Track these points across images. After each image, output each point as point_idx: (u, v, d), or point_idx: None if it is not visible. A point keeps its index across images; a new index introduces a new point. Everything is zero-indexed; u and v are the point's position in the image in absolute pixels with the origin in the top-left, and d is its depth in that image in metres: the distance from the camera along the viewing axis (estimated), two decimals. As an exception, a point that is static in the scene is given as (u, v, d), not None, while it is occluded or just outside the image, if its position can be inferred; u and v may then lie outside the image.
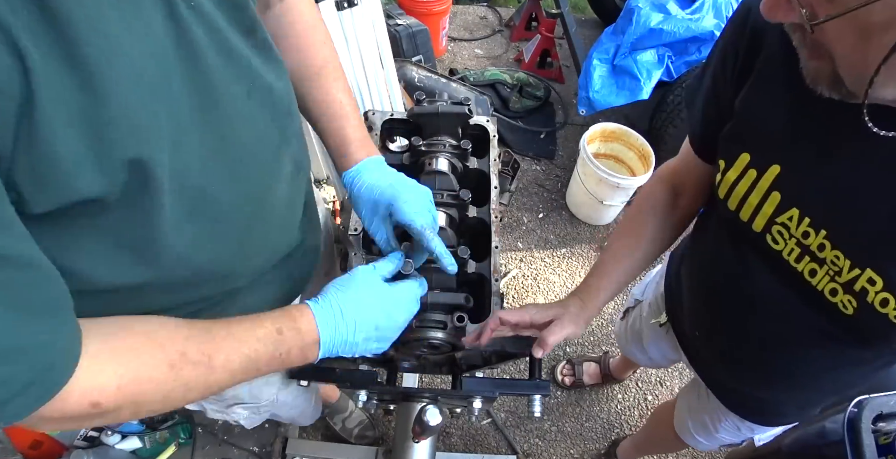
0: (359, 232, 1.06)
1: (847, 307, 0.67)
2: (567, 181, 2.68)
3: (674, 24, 2.32)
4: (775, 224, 0.70)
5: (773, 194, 0.69)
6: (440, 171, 1.10)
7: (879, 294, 0.62)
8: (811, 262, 0.68)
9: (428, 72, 2.60)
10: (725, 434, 1.20)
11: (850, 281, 0.65)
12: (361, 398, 1.12)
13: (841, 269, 0.65)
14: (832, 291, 0.68)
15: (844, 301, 0.67)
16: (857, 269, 0.63)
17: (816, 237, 0.66)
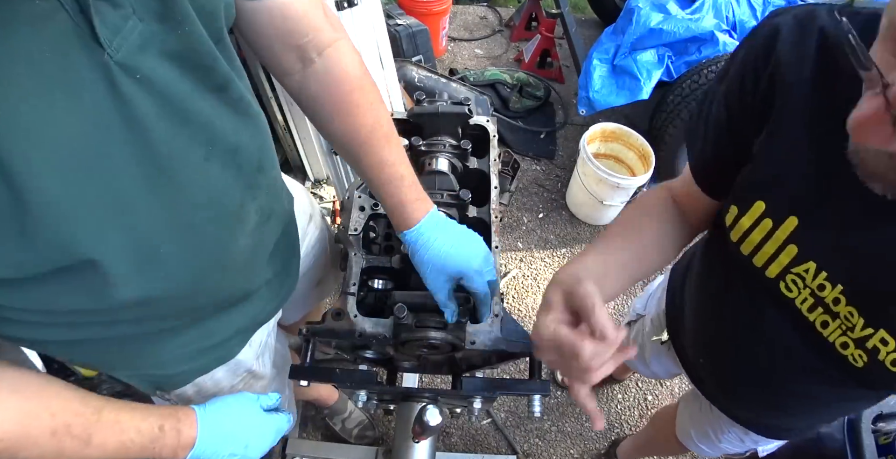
0: (359, 232, 1.06)
1: (857, 361, 0.66)
2: (567, 181, 2.68)
3: (674, 24, 2.32)
4: (790, 273, 0.68)
5: (790, 246, 0.67)
6: (440, 171, 1.10)
7: (891, 354, 0.62)
8: (824, 314, 0.67)
9: (428, 72, 2.60)
10: (728, 444, 1.19)
11: (862, 338, 0.64)
12: (361, 398, 1.12)
13: (854, 325, 0.64)
14: (843, 344, 0.67)
15: (855, 355, 0.66)
16: (871, 328, 0.63)
17: (832, 291, 0.65)
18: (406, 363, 1.22)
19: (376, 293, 1.10)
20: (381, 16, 1.78)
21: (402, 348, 0.99)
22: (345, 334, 0.97)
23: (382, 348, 1.09)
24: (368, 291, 1.09)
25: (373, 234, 1.16)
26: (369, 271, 1.07)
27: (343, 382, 1.07)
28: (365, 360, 1.21)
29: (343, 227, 1.08)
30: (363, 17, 1.67)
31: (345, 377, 1.07)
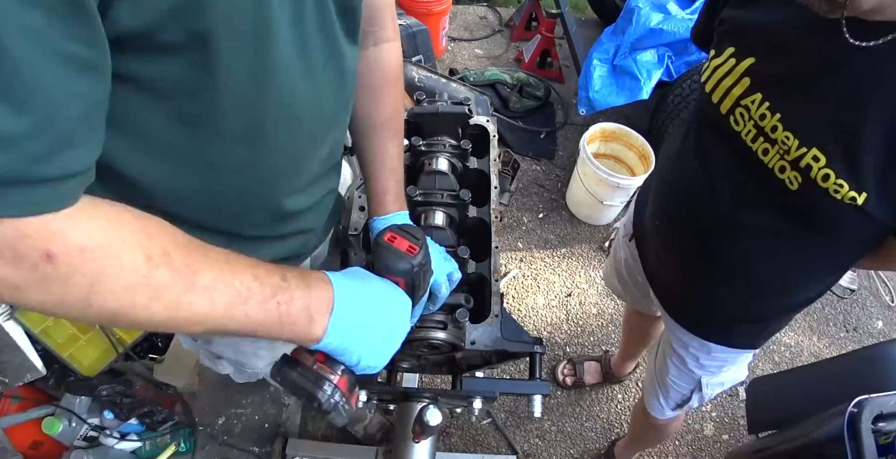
0: (359, 232, 1.06)
1: (793, 183, 0.76)
2: (567, 181, 2.68)
3: (674, 24, 2.32)
4: (739, 106, 0.81)
5: (745, 79, 0.80)
6: (440, 171, 1.10)
7: (822, 170, 0.71)
8: (765, 142, 0.78)
9: (428, 72, 2.60)
10: (675, 378, 1.28)
11: (796, 159, 0.74)
12: (361, 398, 1.12)
13: (790, 148, 0.74)
14: (781, 168, 0.77)
15: (791, 178, 0.76)
16: (804, 147, 0.73)
17: (771, 120, 0.76)
18: (406, 364, 1.22)
19: (376, 293, 1.09)
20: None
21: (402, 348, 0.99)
22: (345, 334, 0.97)
23: (382, 348, 1.09)
24: (368, 291, 1.09)
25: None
26: (369, 271, 1.07)
27: (343, 382, 1.07)
28: (365, 360, 1.21)
29: (343, 227, 1.08)
30: (363, 17, 1.67)
31: (345, 377, 1.07)
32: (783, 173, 0.77)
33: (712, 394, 1.33)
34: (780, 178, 0.77)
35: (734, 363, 1.24)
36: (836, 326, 2.38)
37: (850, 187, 0.70)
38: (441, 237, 1.03)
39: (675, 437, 2.03)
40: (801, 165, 0.74)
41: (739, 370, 1.29)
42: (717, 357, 1.20)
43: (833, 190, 0.71)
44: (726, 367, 1.24)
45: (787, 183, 0.77)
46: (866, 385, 1.18)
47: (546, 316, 2.31)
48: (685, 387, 1.31)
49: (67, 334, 1.66)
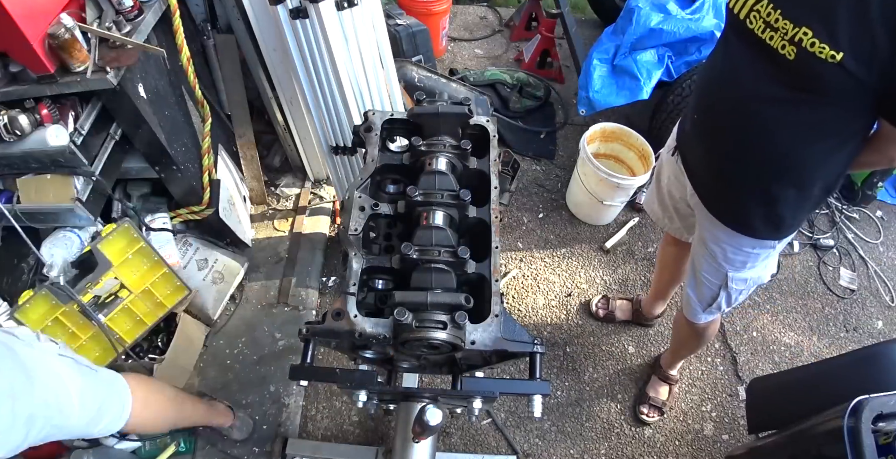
0: (359, 232, 1.06)
1: (791, 54, 1.01)
2: (567, 181, 2.68)
3: (674, 24, 2.32)
4: (753, 11, 1.08)
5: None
6: (440, 171, 1.10)
7: (810, 39, 0.97)
8: (770, 31, 1.05)
9: (428, 72, 2.60)
10: (706, 272, 1.48)
11: (792, 36, 1.00)
12: (361, 398, 1.12)
13: (787, 31, 1.01)
14: (782, 46, 1.03)
15: (790, 51, 1.02)
16: (797, 28, 0.99)
17: (774, 15, 1.04)
18: (406, 363, 1.22)
19: (376, 292, 1.10)
20: (381, 16, 1.78)
21: (402, 348, 0.99)
22: (345, 334, 0.97)
23: (382, 348, 1.09)
24: (368, 291, 1.09)
25: (373, 234, 1.16)
26: (369, 271, 1.07)
27: (343, 382, 1.07)
28: (365, 360, 1.21)
29: (343, 227, 1.08)
30: (363, 17, 1.67)
31: (345, 377, 1.07)
32: (784, 50, 1.03)
33: (738, 291, 1.50)
34: (781, 53, 1.03)
35: (757, 259, 1.40)
36: (836, 326, 2.37)
37: (831, 48, 0.95)
38: (441, 237, 1.03)
39: (675, 437, 2.03)
40: (795, 40, 1.00)
41: (763, 269, 1.46)
42: (742, 251, 1.37)
43: (818, 51, 0.97)
44: (750, 263, 1.41)
45: (787, 56, 1.02)
46: (866, 385, 1.18)
47: (546, 316, 2.31)
48: (714, 283, 1.49)
49: (67, 334, 1.66)
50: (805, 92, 1.07)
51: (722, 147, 1.29)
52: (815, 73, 1.01)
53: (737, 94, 1.19)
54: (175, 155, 1.76)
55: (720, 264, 1.44)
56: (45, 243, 1.64)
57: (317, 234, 2.43)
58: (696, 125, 1.35)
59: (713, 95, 1.28)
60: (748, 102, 1.17)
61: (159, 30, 1.67)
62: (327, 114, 1.83)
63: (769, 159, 1.21)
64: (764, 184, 1.25)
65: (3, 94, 1.37)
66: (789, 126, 1.14)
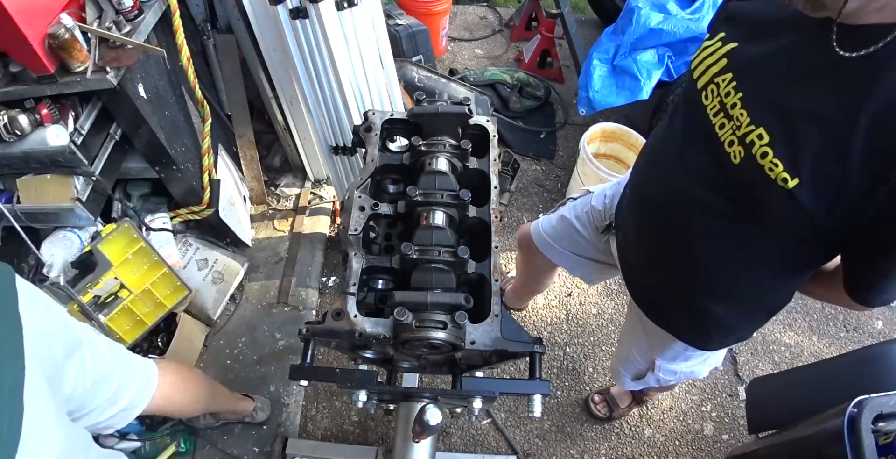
0: (359, 232, 1.06)
1: (736, 157, 0.83)
2: (567, 181, 2.68)
3: (674, 24, 2.32)
4: (712, 83, 0.88)
5: (723, 59, 0.87)
6: (440, 171, 1.10)
7: (762, 148, 0.78)
8: (723, 117, 0.86)
9: (428, 72, 2.60)
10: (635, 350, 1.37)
11: (744, 134, 0.81)
12: (361, 398, 1.12)
13: (741, 124, 0.82)
14: (730, 142, 0.84)
15: (736, 152, 0.83)
16: (753, 125, 0.80)
17: (734, 97, 0.84)
18: (406, 363, 1.22)
19: (376, 292, 1.10)
20: (381, 16, 1.78)
21: (402, 348, 0.99)
22: (345, 334, 0.97)
23: (382, 348, 1.09)
24: (368, 291, 1.09)
25: (373, 234, 1.16)
26: (369, 271, 1.07)
27: (343, 382, 1.07)
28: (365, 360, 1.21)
29: (343, 227, 1.08)
30: (363, 17, 1.67)
31: (345, 377, 1.07)
32: (731, 147, 0.84)
33: (667, 379, 1.38)
34: (727, 151, 0.84)
35: (689, 359, 1.27)
36: (836, 326, 2.37)
37: (784, 168, 0.76)
38: (441, 237, 1.03)
39: (675, 436, 2.03)
40: (746, 141, 0.81)
41: (697, 366, 1.33)
42: (672, 348, 1.24)
43: (768, 168, 0.77)
44: (680, 360, 1.28)
45: (731, 157, 0.83)
46: (866, 385, 1.18)
47: (546, 316, 2.31)
48: (641, 363, 1.39)
49: (67, 334, 1.66)
50: (741, 209, 0.87)
51: (651, 239, 1.10)
52: (757, 191, 0.81)
53: (669, 183, 0.99)
54: (175, 155, 1.76)
55: (648, 349, 1.31)
56: (45, 243, 1.64)
57: (317, 234, 2.43)
58: (630, 206, 1.16)
59: (647, 176, 1.08)
60: (679, 200, 0.97)
61: (159, 30, 1.67)
62: (327, 114, 1.83)
63: (697, 271, 1.03)
64: (691, 293, 1.08)
65: (3, 94, 1.37)
66: (721, 241, 0.95)
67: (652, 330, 1.25)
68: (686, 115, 0.96)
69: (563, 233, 1.49)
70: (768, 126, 0.78)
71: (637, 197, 1.14)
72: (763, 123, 0.79)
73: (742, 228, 0.90)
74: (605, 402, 2.03)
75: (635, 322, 1.33)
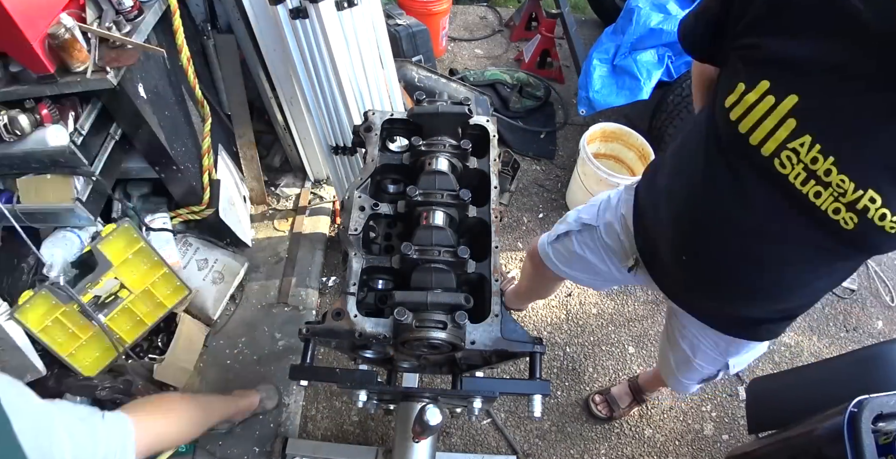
0: (359, 232, 1.06)
1: (848, 223, 0.75)
2: (567, 181, 2.68)
3: (674, 24, 2.32)
4: (785, 150, 0.75)
5: (790, 120, 0.74)
6: (440, 171, 1.10)
7: (879, 210, 0.71)
8: (816, 185, 0.75)
9: (428, 72, 2.60)
10: (703, 362, 1.30)
11: (853, 201, 0.73)
12: (361, 398, 1.12)
13: (845, 191, 0.73)
14: (835, 210, 0.75)
15: (846, 218, 0.74)
16: (861, 190, 0.71)
17: (824, 163, 0.73)
18: (406, 363, 1.22)
19: (376, 292, 1.10)
20: (381, 16, 1.78)
21: (402, 348, 0.99)
22: (345, 334, 0.97)
23: (382, 348, 1.09)
24: (368, 291, 1.09)
25: (373, 234, 1.16)
26: (369, 271, 1.07)
27: (343, 382, 1.07)
28: (365, 360, 1.21)
29: (343, 227, 1.08)
30: (363, 17, 1.67)
31: (345, 377, 1.07)
32: (837, 215, 0.75)
33: (741, 370, 1.37)
34: (834, 219, 0.76)
35: (758, 345, 1.28)
36: (836, 326, 2.37)
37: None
38: (441, 237, 1.03)
39: (675, 436, 2.03)
40: (857, 208, 0.73)
41: (763, 347, 1.32)
42: (746, 346, 1.24)
43: (889, 227, 0.72)
44: (752, 349, 1.28)
45: (841, 223, 0.76)
46: (866, 385, 1.18)
47: (546, 316, 2.31)
48: (711, 369, 1.35)
49: (67, 334, 1.66)
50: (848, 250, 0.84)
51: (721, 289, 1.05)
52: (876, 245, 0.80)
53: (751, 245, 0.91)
54: (175, 155, 1.76)
55: (718, 356, 1.29)
56: (45, 243, 1.64)
57: (317, 234, 2.43)
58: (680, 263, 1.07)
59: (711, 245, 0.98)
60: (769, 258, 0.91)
61: (159, 30, 1.67)
62: (327, 114, 1.83)
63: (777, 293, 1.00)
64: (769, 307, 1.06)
65: (3, 94, 1.37)
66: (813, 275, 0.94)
67: (719, 341, 1.24)
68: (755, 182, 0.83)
69: (576, 263, 1.45)
70: (877, 187, 0.71)
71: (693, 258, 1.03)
72: (871, 184, 0.71)
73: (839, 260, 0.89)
74: (606, 402, 2.03)
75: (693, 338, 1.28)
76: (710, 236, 0.97)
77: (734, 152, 0.84)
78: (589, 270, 1.44)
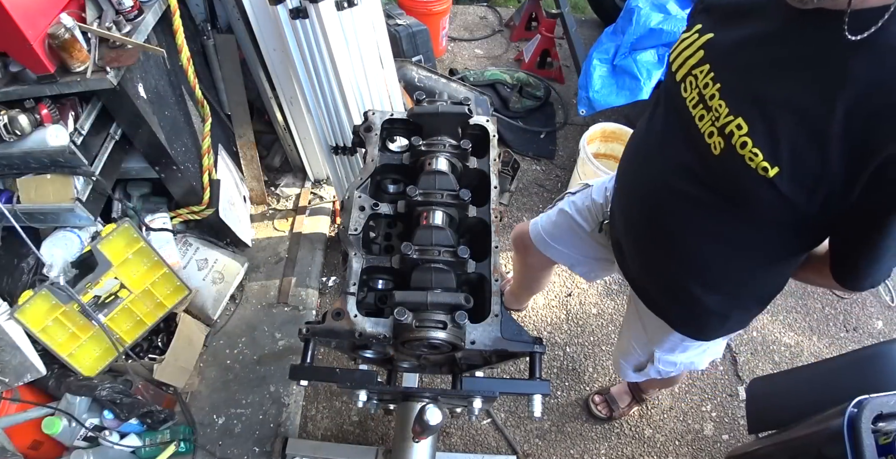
0: (359, 232, 1.06)
1: (716, 148, 0.83)
2: (567, 181, 2.68)
3: (674, 24, 2.32)
4: (690, 75, 0.88)
5: (700, 51, 0.87)
6: (440, 171, 1.10)
7: (742, 138, 0.78)
8: (702, 109, 0.85)
9: (428, 72, 2.60)
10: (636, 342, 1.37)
11: (723, 125, 0.81)
12: (361, 398, 1.12)
13: (720, 115, 0.81)
14: (710, 133, 0.84)
15: (716, 142, 0.83)
16: (732, 116, 0.80)
17: (711, 88, 0.84)
18: (406, 363, 1.22)
19: (376, 292, 1.10)
20: (381, 16, 1.78)
21: (402, 347, 0.99)
22: (345, 334, 0.97)
23: (382, 348, 1.09)
24: (368, 291, 1.09)
25: (373, 234, 1.16)
26: (369, 271, 1.07)
27: (343, 382, 1.07)
28: (365, 360, 1.21)
29: (343, 227, 1.08)
30: (363, 17, 1.67)
31: (345, 376, 1.07)
32: (710, 138, 0.83)
33: (668, 370, 1.38)
34: (707, 142, 0.84)
35: (687, 349, 1.28)
36: (836, 326, 2.37)
37: (764, 157, 0.76)
38: (441, 237, 1.03)
39: (675, 436, 2.03)
40: (725, 132, 0.80)
41: (696, 357, 1.33)
42: (669, 339, 1.24)
43: (748, 157, 0.77)
44: (679, 351, 1.28)
45: (711, 148, 0.83)
46: (866, 385, 1.18)
47: (546, 316, 2.31)
48: (640, 355, 1.39)
49: (67, 334, 1.66)
50: (723, 199, 0.87)
51: (639, 230, 1.10)
52: (739, 181, 0.81)
53: (651, 175, 0.99)
54: (175, 155, 1.77)
55: (647, 341, 1.31)
56: (45, 243, 1.64)
57: (317, 234, 2.43)
58: (617, 198, 1.17)
59: (630, 168, 1.09)
60: (662, 191, 0.97)
61: (159, 30, 1.67)
62: (327, 114, 1.83)
63: (684, 260, 1.03)
64: (682, 282, 1.07)
65: (3, 94, 1.37)
66: (705, 231, 0.95)
67: (650, 322, 1.26)
68: (666, 108, 0.96)
69: (563, 229, 1.48)
70: (747, 116, 0.78)
71: (623, 189, 1.14)
72: (741, 113, 0.79)
73: (725, 217, 0.90)
74: (606, 402, 2.03)
75: (634, 315, 1.34)
76: (630, 170, 1.09)
77: (664, 88, 0.98)
78: (572, 237, 1.46)
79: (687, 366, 1.36)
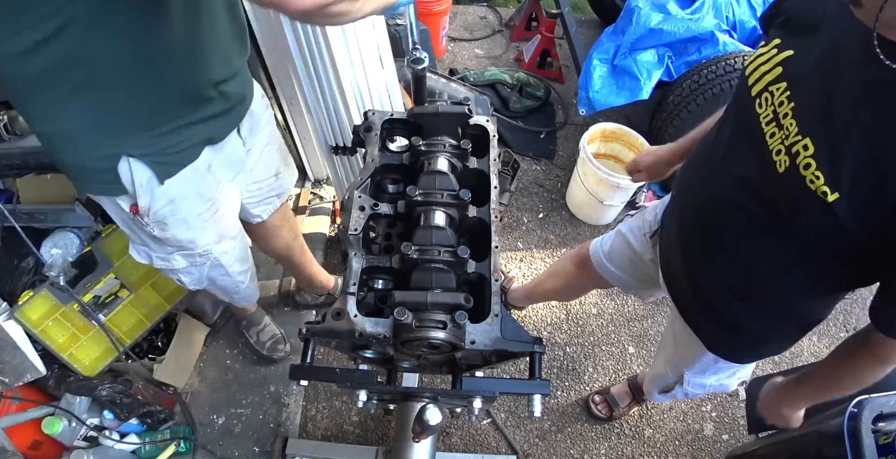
0: (359, 232, 1.06)
1: (781, 166, 0.82)
2: (567, 181, 2.68)
3: (674, 24, 2.32)
4: (766, 91, 0.87)
5: (777, 68, 0.86)
6: (440, 171, 1.10)
7: (806, 159, 0.77)
8: (774, 127, 0.85)
9: (428, 72, 2.59)
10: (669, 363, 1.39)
11: (791, 144, 0.80)
12: (361, 398, 1.12)
13: (790, 134, 0.81)
14: (777, 151, 0.83)
15: (782, 160, 0.82)
16: (800, 136, 0.79)
17: (786, 107, 0.83)
18: (406, 363, 1.22)
19: (376, 292, 1.10)
20: (381, 16, 1.78)
21: (402, 347, 0.99)
22: (345, 333, 0.98)
23: (382, 348, 1.09)
24: (368, 291, 1.09)
25: (373, 234, 1.16)
26: (369, 271, 1.07)
27: (343, 382, 1.07)
28: (365, 360, 1.21)
29: (343, 227, 1.08)
30: (363, 17, 1.67)
31: (345, 376, 1.07)
32: (778, 156, 0.83)
33: (696, 392, 1.36)
34: (773, 159, 0.84)
35: (719, 372, 1.26)
36: (836, 326, 2.37)
37: (825, 181, 0.75)
38: (441, 237, 1.04)
39: (675, 436, 2.03)
40: (792, 151, 0.80)
41: (726, 379, 1.31)
42: (702, 360, 1.22)
43: (810, 179, 0.77)
44: (710, 372, 1.27)
45: (776, 165, 0.83)
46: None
47: (546, 316, 2.31)
48: (670, 376, 1.39)
49: (67, 334, 1.66)
50: (779, 219, 0.87)
51: (691, 242, 1.10)
52: (797, 202, 0.81)
53: (712, 186, 0.99)
54: (175, 155, 1.76)
55: (679, 361, 1.31)
56: (45, 243, 1.64)
57: (317, 234, 2.43)
58: (674, 208, 1.16)
59: (691, 178, 1.08)
60: (720, 204, 0.97)
61: (159, 30, 1.66)
62: (327, 114, 1.83)
63: (730, 277, 1.03)
64: (725, 299, 1.06)
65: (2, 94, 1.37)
66: (757, 249, 0.95)
67: (684, 341, 1.25)
68: (737, 121, 0.95)
69: (617, 248, 1.50)
70: (814, 137, 0.77)
71: (681, 196, 1.13)
72: (810, 133, 0.77)
73: (778, 237, 0.90)
74: (606, 402, 2.03)
75: (670, 336, 1.34)
76: (691, 180, 1.08)
77: (736, 99, 0.97)
78: (623, 256, 1.48)
79: (716, 389, 1.34)
